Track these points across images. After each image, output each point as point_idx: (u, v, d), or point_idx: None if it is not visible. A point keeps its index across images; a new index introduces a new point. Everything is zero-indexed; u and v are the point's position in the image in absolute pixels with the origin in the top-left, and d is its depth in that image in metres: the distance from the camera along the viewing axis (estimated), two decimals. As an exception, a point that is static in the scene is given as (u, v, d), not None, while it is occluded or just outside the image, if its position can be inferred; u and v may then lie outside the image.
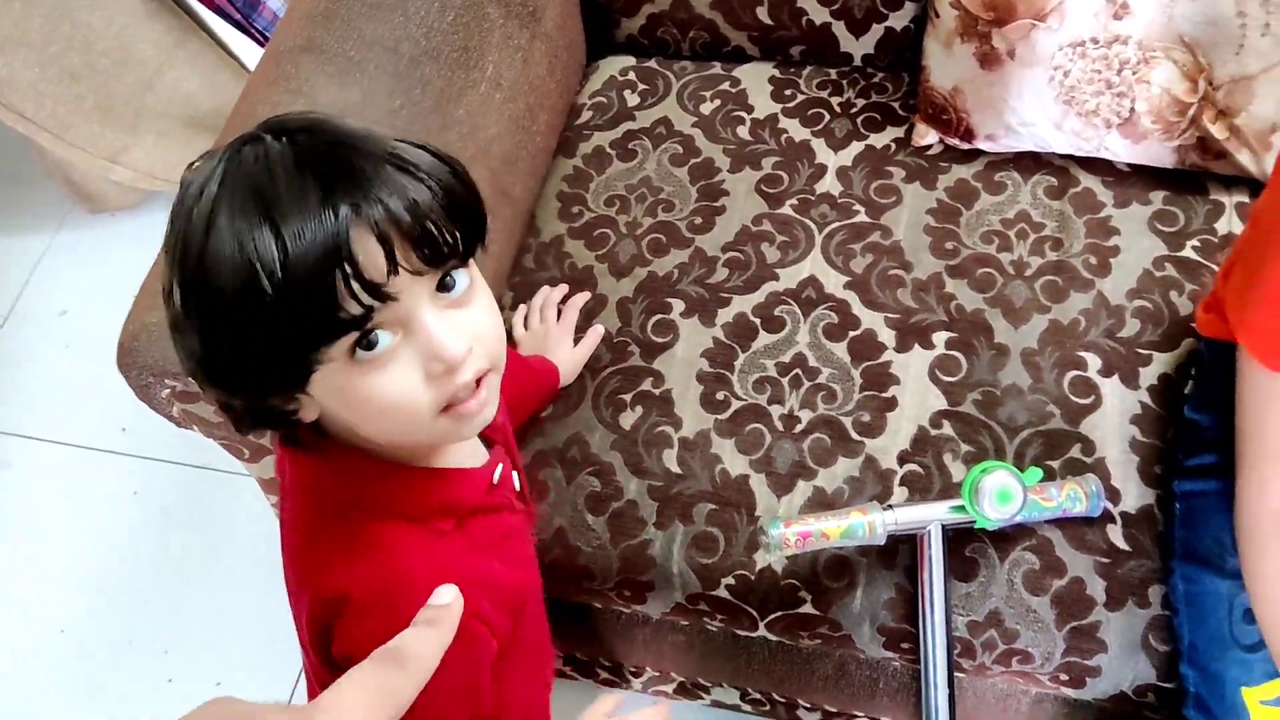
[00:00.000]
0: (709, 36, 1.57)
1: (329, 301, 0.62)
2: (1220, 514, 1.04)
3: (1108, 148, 1.34)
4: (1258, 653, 0.99)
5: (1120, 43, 1.25)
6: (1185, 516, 1.10)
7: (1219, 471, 1.05)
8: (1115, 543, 1.13)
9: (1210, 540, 1.05)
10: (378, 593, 0.73)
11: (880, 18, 1.48)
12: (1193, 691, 1.04)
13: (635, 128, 1.52)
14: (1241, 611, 1.01)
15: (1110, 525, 1.14)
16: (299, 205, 0.61)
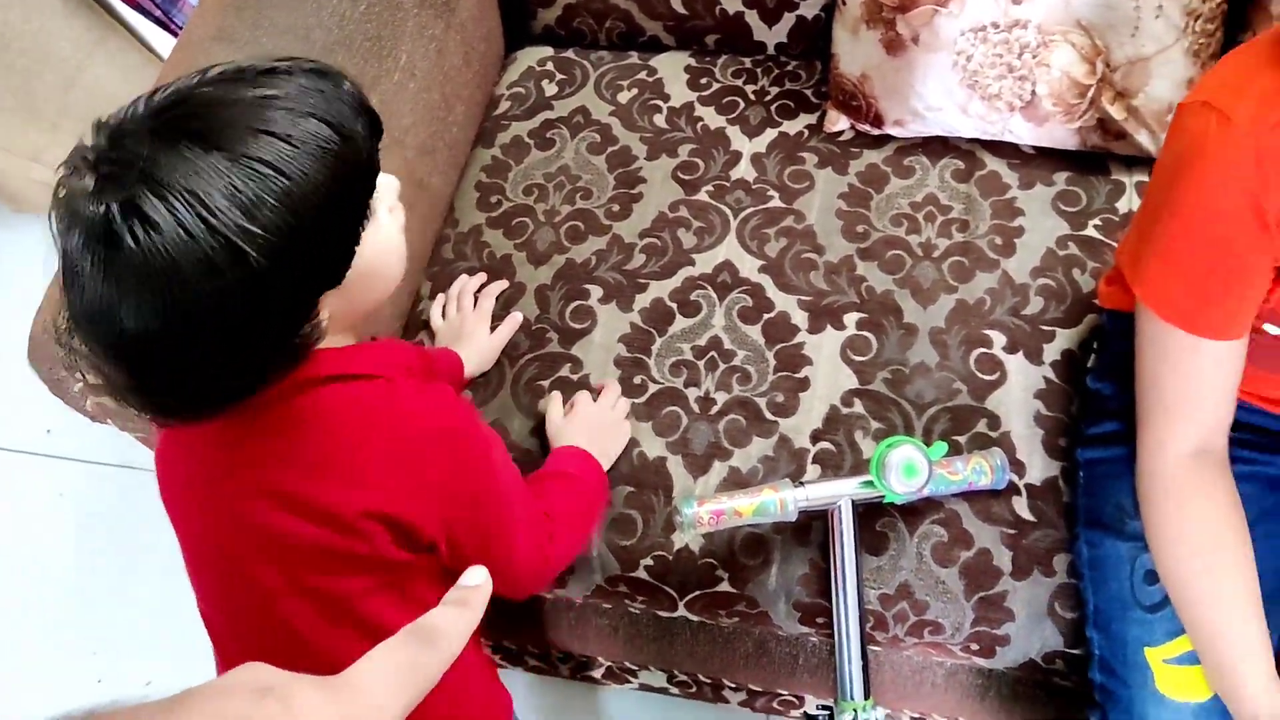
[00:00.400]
0: (625, 26, 1.58)
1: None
2: (1120, 480, 1.07)
3: (1012, 131, 1.37)
4: (1159, 613, 1.02)
5: (1020, 27, 1.28)
6: (1088, 484, 1.13)
7: (1120, 439, 1.09)
8: (1021, 514, 1.16)
9: (1112, 505, 1.08)
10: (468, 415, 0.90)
11: (791, 6, 1.50)
12: (1098, 654, 1.07)
13: (553, 117, 1.53)
14: (1143, 573, 1.04)
15: (1016, 497, 1.17)
16: None
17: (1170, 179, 0.86)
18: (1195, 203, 0.84)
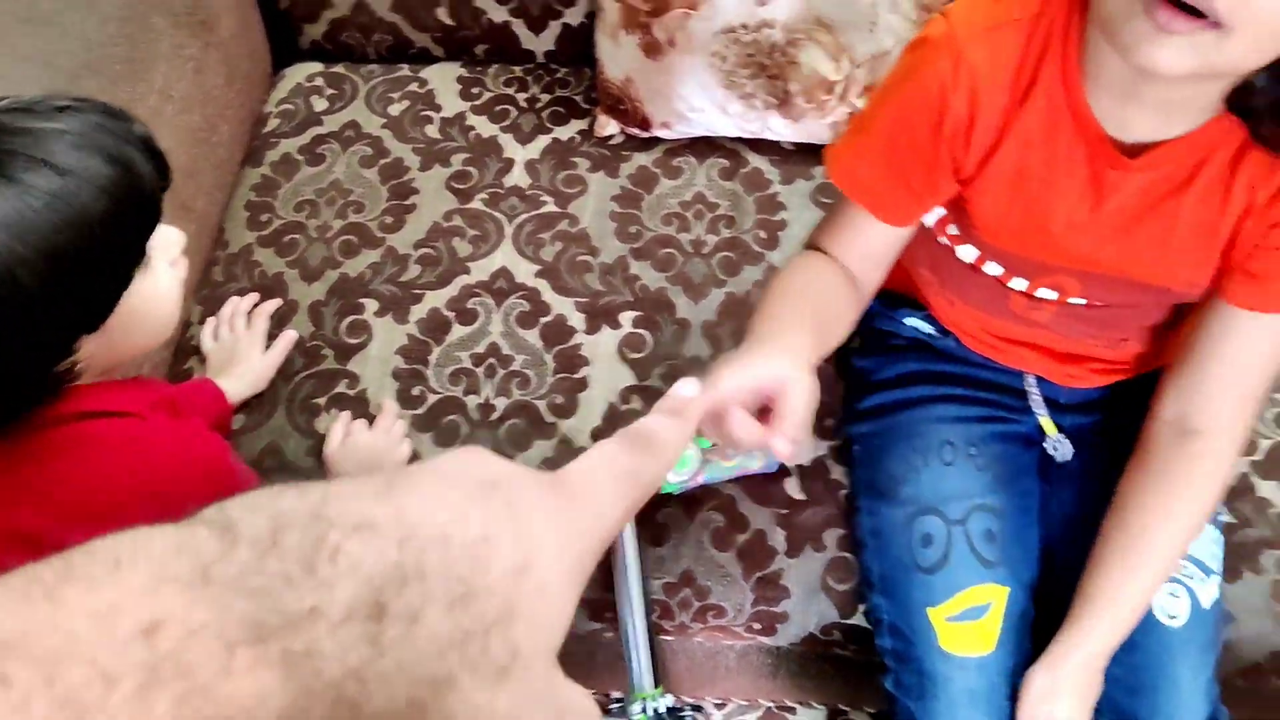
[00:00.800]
0: (394, 39, 1.58)
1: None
2: (891, 450, 1.13)
3: (770, 128, 1.42)
4: (936, 573, 1.07)
5: (767, 27, 1.33)
6: (863, 456, 1.18)
7: (887, 410, 1.15)
8: (792, 494, 1.20)
9: (885, 475, 1.13)
10: None
11: (556, 15, 1.53)
12: (885, 619, 1.11)
13: (323, 132, 1.52)
14: (920, 536, 1.09)
15: (787, 478, 1.21)
16: None
17: (893, 66, 0.92)
18: (901, 85, 0.89)
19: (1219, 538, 1.09)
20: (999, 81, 0.84)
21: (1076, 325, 1.01)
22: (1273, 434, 1.22)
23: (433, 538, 0.29)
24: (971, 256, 0.99)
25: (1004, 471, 1.09)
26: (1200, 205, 0.86)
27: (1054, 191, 0.88)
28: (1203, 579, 1.06)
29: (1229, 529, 1.16)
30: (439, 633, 0.28)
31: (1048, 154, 0.86)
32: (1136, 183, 0.85)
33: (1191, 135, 0.83)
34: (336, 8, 1.55)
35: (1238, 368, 0.94)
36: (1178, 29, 0.67)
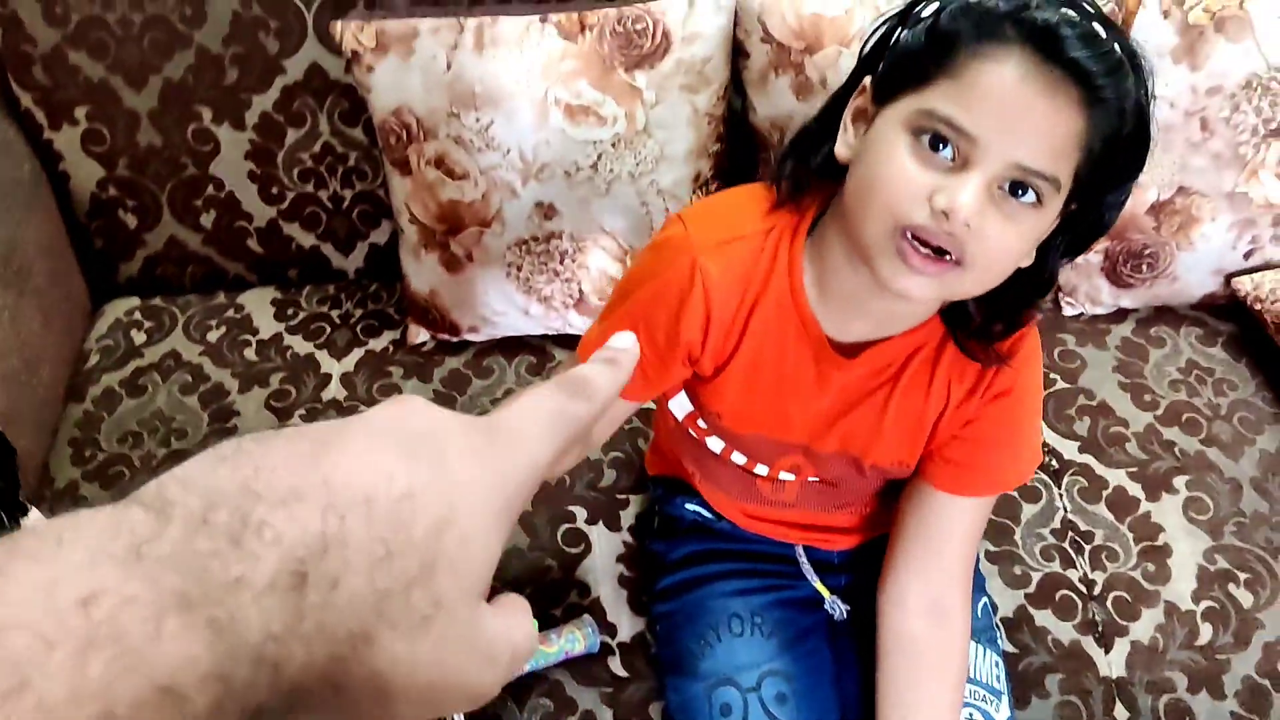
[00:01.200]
0: (208, 270, 1.66)
1: None
2: (686, 627, 1.20)
3: (571, 324, 1.53)
4: None
5: (555, 238, 1.45)
6: (664, 636, 1.25)
7: (681, 590, 1.23)
8: (616, 672, 1.26)
9: (685, 651, 1.20)
10: None
11: (362, 236, 1.63)
12: None
13: (144, 364, 1.57)
14: (719, 706, 1.16)
15: (611, 657, 1.28)
16: None
17: (635, 261, 1.02)
18: (643, 278, 0.98)
19: (998, 659, 1.19)
20: (732, 290, 0.95)
21: (817, 500, 1.13)
22: (1041, 566, 1.35)
23: (356, 501, 0.31)
24: (719, 447, 1.09)
25: (790, 636, 1.17)
26: (906, 397, 0.99)
27: (786, 385, 0.99)
28: (994, 700, 1.16)
29: (1012, 659, 1.26)
30: (358, 594, 0.30)
31: (779, 353, 0.98)
32: (854, 375, 0.98)
33: (901, 337, 0.96)
34: (150, 245, 1.62)
35: (962, 546, 1.07)
36: (929, 271, 0.80)
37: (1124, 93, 0.77)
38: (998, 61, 0.76)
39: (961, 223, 0.77)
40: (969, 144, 0.78)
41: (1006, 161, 0.77)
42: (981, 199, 0.77)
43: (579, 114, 1.37)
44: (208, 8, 1.46)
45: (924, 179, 0.79)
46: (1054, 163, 0.77)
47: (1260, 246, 1.56)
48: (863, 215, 0.83)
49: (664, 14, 1.37)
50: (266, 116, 1.54)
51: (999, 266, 0.83)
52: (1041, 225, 0.82)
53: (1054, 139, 0.77)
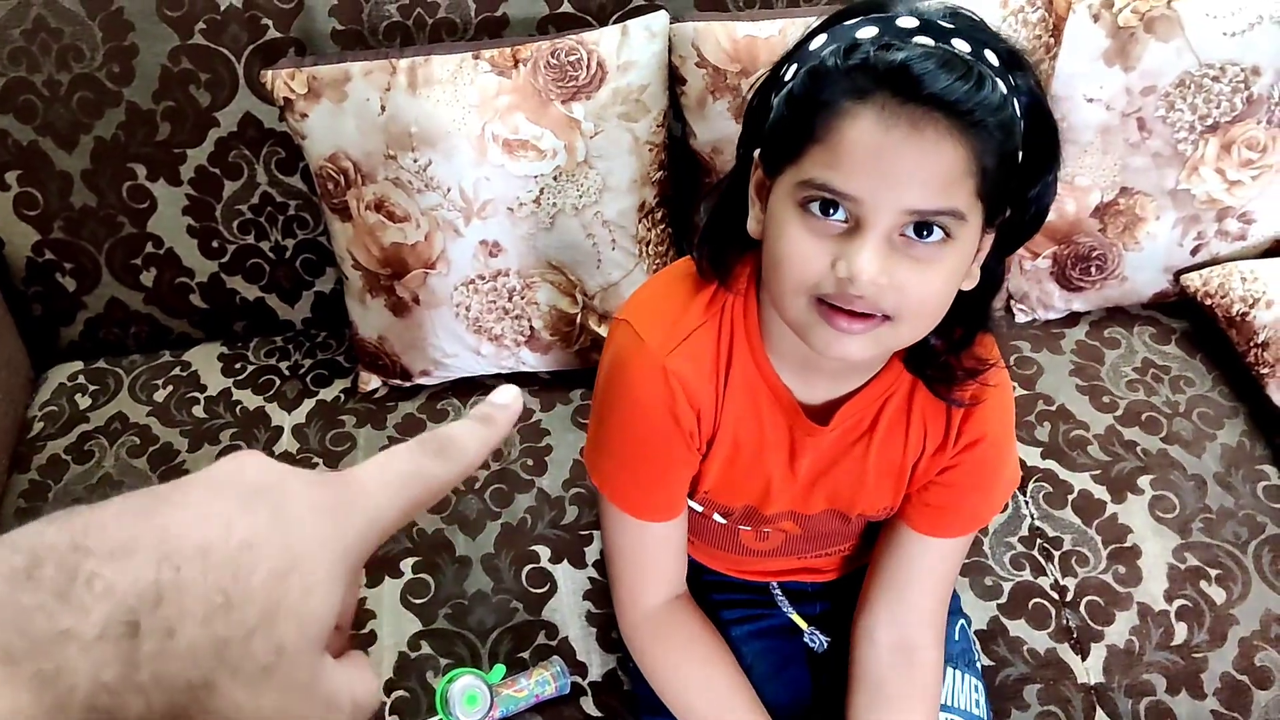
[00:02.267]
0: (151, 329, 1.63)
1: None
2: None
3: (524, 362, 1.51)
4: None
5: (503, 275, 1.44)
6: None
7: None
8: (589, 712, 1.24)
9: None
10: None
11: (307, 285, 1.61)
12: None
13: (90, 429, 1.53)
14: None
15: (583, 697, 1.25)
16: None
17: (606, 384, 0.99)
18: (626, 407, 0.97)
19: (977, 683, 1.18)
20: (705, 380, 0.93)
21: (800, 548, 1.12)
22: (1011, 576, 1.34)
23: (192, 553, 0.31)
24: (700, 509, 1.08)
25: (770, 666, 1.15)
26: (885, 446, 0.97)
27: (765, 456, 0.98)
28: None
29: (989, 672, 1.25)
30: (197, 642, 0.30)
31: (756, 425, 0.96)
32: (832, 440, 0.97)
33: (867, 388, 0.94)
34: (90, 307, 1.59)
35: (935, 584, 1.06)
36: (856, 330, 0.78)
37: (998, 105, 0.73)
38: (855, 116, 0.73)
39: (868, 285, 0.75)
40: (854, 204, 0.75)
41: (897, 211, 0.74)
42: (882, 255, 0.75)
43: (518, 149, 1.36)
44: (136, 64, 1.44)
45: (821, 249, 0.77)
46: (946, 197, 0.74)
47: (1206, 242, 1.57)
48: (779, 295, 0.82)
49: (597, 44, 1.37)
50: (202, 170, 1.52)
51: (929, 310, 0.80)
52: (962, 256, 0.79)
53: (938, 175, 0.73)
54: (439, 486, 0.40)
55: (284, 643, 0.32)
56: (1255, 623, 1.30)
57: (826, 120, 0.75)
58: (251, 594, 0.31)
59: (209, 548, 0.31)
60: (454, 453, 0.41)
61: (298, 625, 0.33)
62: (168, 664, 0.29)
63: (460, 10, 1.46)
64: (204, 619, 0.30)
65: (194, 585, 0.30)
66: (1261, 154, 1.50)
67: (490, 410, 0.44)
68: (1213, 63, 1.43)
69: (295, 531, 0.34)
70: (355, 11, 1.45)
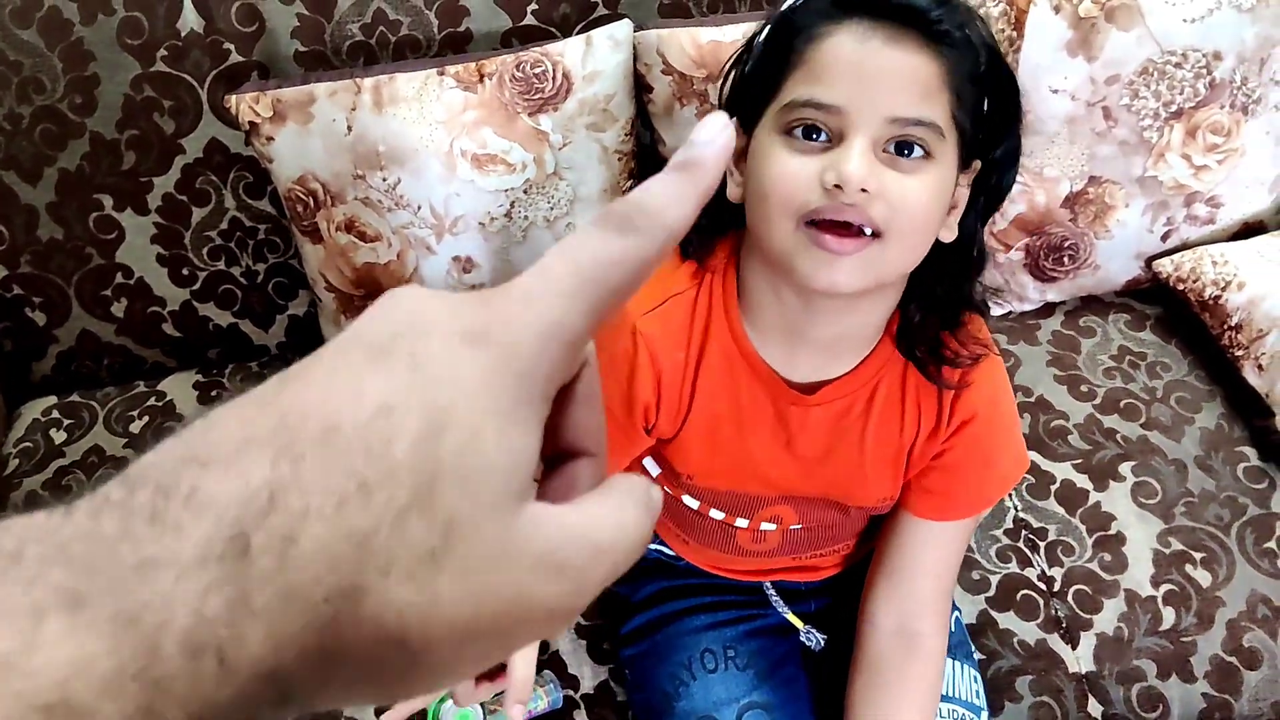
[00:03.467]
0: (125, 360, 1.61)
1: None
2: (659, 667, 1.17)
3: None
4: None
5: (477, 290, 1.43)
6: (635, 679, 1.22)
7: (650, 630, 1.20)
8: (583, 725, 1.23)
9: (658, 694, 1.17)
10: None
11: (280, 309, 1.60)
12: None
13: (66, 463, 1.52)
14: None
15: (576, 711, 1.24)
16: None
17: None
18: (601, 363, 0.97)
19: (977, 675, 1.18)
20: (675, 345, 0.94)
21: (798, 547, 1.11)
22: (999, 569, 1.34)
23: (316, 435, 0.25)
24: (695, 504, 1.07)
25: (765, 666, 1.15)
26: (880, 431, 0.97)
27: (748, 433, 0.97)
28: (974, 717, 1.14)
29: (980, 666, 1.25)
30: (327, 544, 0.25)
31: (733, 401, 0.96)
32: (819, 417, 0.96)
33: (857, 370, 0.94)
34: (62, 341, 1.58)
35: (938, 570, 1.05)
36: (847, 250, 0.78)
37: (962, 22, 0.79)
38: (833, 34, 0.78)
39: (856, 188, 0.76)
40: (838, 118, 0.78)
41: (879, 119, 0.77)
42: (869, 161, 0.77)
43: (487, 163, 1.36)
44: (98, 94, 1.43)
45: (808, 165, 0.79)
46: (926, 106, 0.78)
47: (1175, 227, 1.58)
48: (766, 224, 0.82)
49: (562, 55, 1.36)
50: (169, 198, 1.50)
51: (916, 227, 0.80)
52: (942, 178, 0.80)
53: (916, 83, 0.77)
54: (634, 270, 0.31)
55: (453, 516, 0.26)
56: (1242, 604, 1.31)
57: (804, 45, 0.80)
58: (395, 469, 0.26)
59: (336, 425, 0.26)
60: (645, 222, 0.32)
61: (465, 490, 0.27)
62: (293, 577, 0.24)
63: (423, 27, 1.45)
64: (335, 513, 0.25)
65: (317, 475, 0.25)
66: (1226, 138, 1.52)
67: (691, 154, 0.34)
68: (1174, 50, 1.44)
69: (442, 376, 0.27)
70: (318, 33, 1.44)
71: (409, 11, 1.44)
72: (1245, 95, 1.50)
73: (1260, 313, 1.47)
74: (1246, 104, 1.50)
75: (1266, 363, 1.45)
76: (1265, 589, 1.32)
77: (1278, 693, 1.26)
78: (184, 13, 1.41)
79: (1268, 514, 1.39)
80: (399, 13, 1.44)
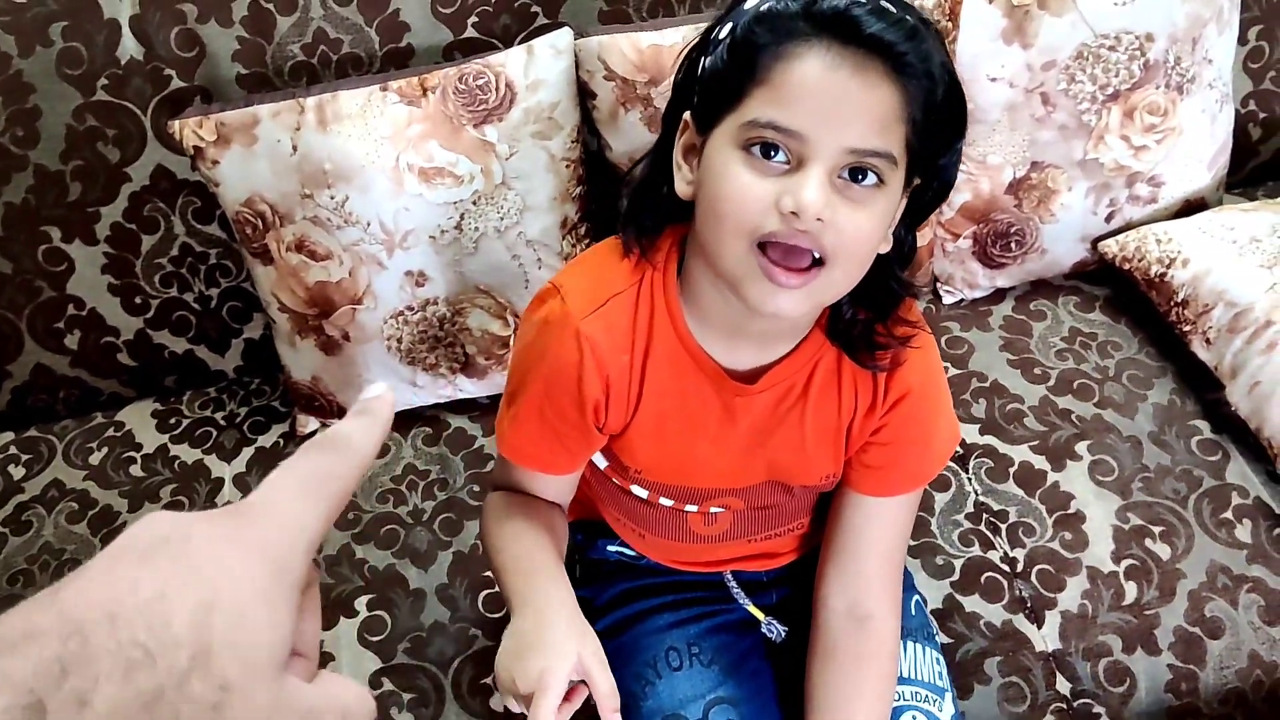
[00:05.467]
0: (80, 392, 1.60)
1: None
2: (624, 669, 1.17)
3: (461, 389, 1.51)
4: None
5: (431, 304, 1.43)
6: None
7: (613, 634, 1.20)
8: (557, 731, 1.23)
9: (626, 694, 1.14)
10: None
11: (235, 333, 1.60)
12: None
13: (26, 499, 1.51)
14: None
15: (549, 717, 1.24)
16: None
17: (522, 342, 1.01)
18: (535, 362, 0.98)
19: (938, 656, 1.19)
20: (619, 346, 0.94)
21: (751, 528, 1.11)
22: (962, 553, 1.35)
23: (98, 619, 0.30)
24: (644, 494, 1.08)
25: (730, 660, 1.16)
26: (820, 411, 0.98)
27: (695, 426, 0.98)
28: (936, 699, 1.15)
29: (948, 649, 1.26)
30: (119, 703, 0.29)
31: (680, 397, 0.97)
32: (761, 403, 0.97)
33: (795, 354, 0.96)
34: (16, 376, 1.57)
35: (885, 547, 1.07)
36: (794, 284, 0.80)
37: (927, 55, 0.79)
38: (801, 58, 0.78)
39: (813, 217, 0.77)
40: (798, 142, 0.78)
41: (838, 149, 0.78)
42: (825, 191, 0.78)
43: (434, 176, 1.36)
44: (40, 126, 1.42)
45: (765, 187, 0.79)
46: (883, 139, 0.79)
47: (1119, 208, 1.60)
48: (718, 242, 0.83)
49: (504, 66, 1.37)
50: (118, 226, 1.50)
51: (860, 254, 0.83)
52: (889, 205, 0.83)
53: (877, 115, 0.78)
54: (342, 480, 0.39)
55: (227, 677, 0.31)
56: (1202, 574, 1.33)
57: (772, 62, 0.79)
58: (175, 639, 0.30)
59: (115, 610, 0.30)
60: (342, 443, 0.40)
61: (238, 655, 0.32)
62: None
63: (364, 44, 1.46)
64: (124, 677, 0.29)
65: (104, 649, 0.29)
66: (1163, 118, 1.54)
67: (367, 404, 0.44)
68: (1107, 33, 1.47)
69: (207, 568, 0.33)
70: (259, 55, 1.44)
71: (349, 29, 1.45)
72: (1180, 75, 1.52)
73: (1205, 288, 1.49)
74: (1181, 83, 1.53)
75: (1214, 336, 1.47)
76: (1224, 559, 1.34)
77: (1241, 660, 1.28)
78: (123, 40, 1.41)
79: (1223, 485, 1.41)
80: (339, 31, 1.45)
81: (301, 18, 1.43)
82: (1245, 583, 1.32)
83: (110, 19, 1.39)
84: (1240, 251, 1.50)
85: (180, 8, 1.41)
